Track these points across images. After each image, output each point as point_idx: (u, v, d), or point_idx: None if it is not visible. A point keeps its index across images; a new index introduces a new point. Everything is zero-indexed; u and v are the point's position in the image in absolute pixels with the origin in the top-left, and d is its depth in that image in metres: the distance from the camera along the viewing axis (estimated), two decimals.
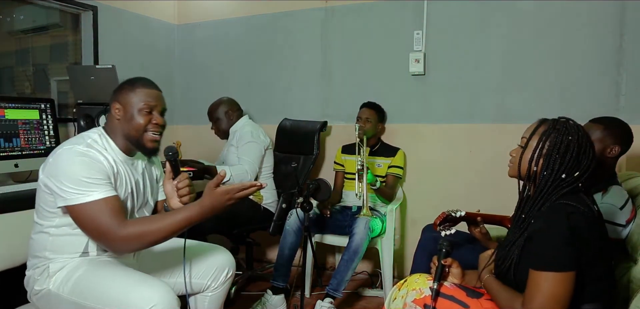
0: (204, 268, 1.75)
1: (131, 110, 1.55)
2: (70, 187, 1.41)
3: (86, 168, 1.44)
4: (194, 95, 3.79)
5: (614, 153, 1.83)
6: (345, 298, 2.74)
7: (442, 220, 1.79)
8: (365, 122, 2.88)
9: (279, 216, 2.52)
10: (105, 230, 1.41)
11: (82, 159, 1.45)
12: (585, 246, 1.25)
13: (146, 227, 1.43)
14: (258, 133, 2.87)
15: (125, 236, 1.40)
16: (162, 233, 1.43)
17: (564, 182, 1.31)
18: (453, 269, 1.52)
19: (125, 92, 1.57)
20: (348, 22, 3.23)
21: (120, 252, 1.50)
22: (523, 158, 1.39)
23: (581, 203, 1.29)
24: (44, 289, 1.51)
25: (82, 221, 1.43)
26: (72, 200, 1.41)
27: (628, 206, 1.76)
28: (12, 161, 2.23)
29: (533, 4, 2.73)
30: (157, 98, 1.59)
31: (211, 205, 1.46)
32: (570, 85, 2.69)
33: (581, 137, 1.33)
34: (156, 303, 1.37)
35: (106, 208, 1.42)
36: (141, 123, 1.55)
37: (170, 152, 1.59)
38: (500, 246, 1.49)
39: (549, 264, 1.24)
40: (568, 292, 1.23)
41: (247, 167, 2.72)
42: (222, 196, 1.46)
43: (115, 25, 3.31)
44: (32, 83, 3.19)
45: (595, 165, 1.34)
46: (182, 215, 1.45)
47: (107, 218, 1.40)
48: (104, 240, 1.45)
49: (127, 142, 1.58)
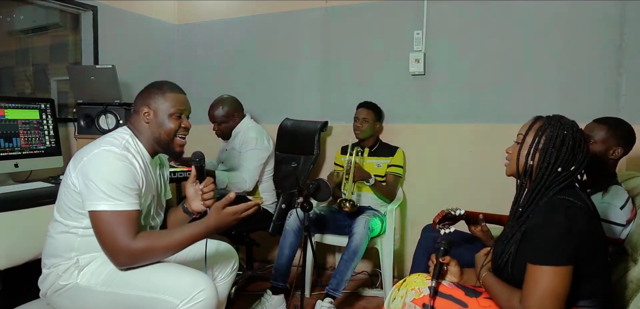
0: (211, 260, 1.77)
1: (162, 115, 1.59)
2: (102, 191, 1.41)
3: (123, 175, 1.45)
4: (194, 95, 3.74)
5: (617, 154, 1.83)
6: (345, 298, 2.74)
7: (441, 219, 1.79)
8: (362, 122, 2.88)
9: (279, 216, 2.52)
10: (119, 242, 1.41)
11: (122, 164, 1.46)
12: (582, 241, 1.26)
13: (155, 242, 1.46)
14: (262, 138, 2.81)
15: (135, 250, 1.42)
16: (169, 249, 1.48)
17: (560, 176, 1.33)
18: (451, 268, 1.52)
19: (156, 97, 1.60)
20: (348, 22, 3.23)
21: (124, 265, 1.47)
22: (520, 154, 1.41)
23: (578, 198, 1.30)
24: (70, 284, 1.51)
25: (100, 227, 1.43)
26: (100, 205, 1.41)
27: (628, 206, 1.75)
28: (12, 161, 2.23)
29: (533, 4, 2.73)
30: (185, 103, 1.65)
31: (216, 225, 1.53)
32: (570, 85, 2.68)
33: (576, 132, 1.36)
34: (204, 288, 1.43)
35: (128, 220, 1.43)
36: (172, 127, 1.60)
37: (197, 158, 1.67)
38: (497, 241, 1.50)
39: (547, 259, 1.24)
40: (566, 286, 1.24)
41: (246, 177, 2.70)
42: (228, 217, 1.53)
43: (115, 25, 3.31)
44: (32, 83, 3.19)
45: (590, 159, 1.36)
46: (188, 232, 1.50)
47: (124, 229, 1.42)
48: (112, 250, 1.44)
49: (156, 145, 1.62)
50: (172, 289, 1.43)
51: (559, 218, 1.25)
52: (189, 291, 1.41)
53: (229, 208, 1.53)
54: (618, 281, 1.58)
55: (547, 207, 1.30)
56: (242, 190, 2.71)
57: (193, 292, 1.41)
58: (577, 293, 1.29)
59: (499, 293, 1.37)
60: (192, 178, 1.70)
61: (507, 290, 1.35)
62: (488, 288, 1.41)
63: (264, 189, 2.88)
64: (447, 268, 1.51)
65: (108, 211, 1.41)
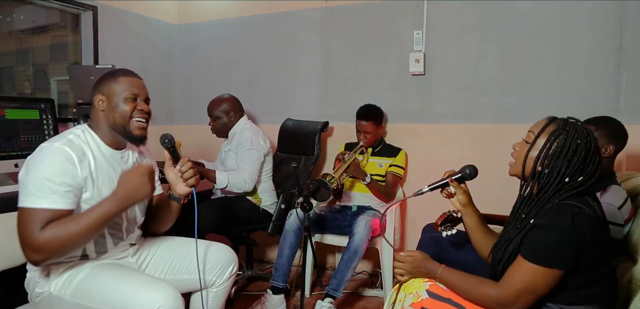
0: (209, 265, 1.74)
1: (115, 99, 1.53)
2: (28, 186, 1.37)
3: (55, 169, 1.38)
4: (194, 95, 3.79)
5: (609, 152, 1.84)
6: (345, 298, 2.74)
7: (443, 220, 1.78)
8: (364, 135, 2.85)
9: (278, 216, 2.52)
10: (28, 237, 1.35)
11: (56, 158, 1.40)
12: (585, 248, 1.24)
13: (62, 229, 1.36)
14: (258, 138, 2.81)
15: (40, 242, 1.34)
16: (79, 234, 1.37)
17: (566, 186, 1.29)
18: (458, 195, 1.57)
19: (108, 83, 1.55)
20: (348, 22, 3.23)
21: (36, 260, 1.38)
22: (529, 156, 1.36)
23: (587, 205, 1.27)
24: (45, 292, 1.50)
25: (18, 224, 1.37)
26: (22, 202, 1.37)
27: (627, 205, 1.76)
28: (12, 161, 2.22)
29: (533, 4, 2.73)
30: (140, 87, 1.59)
31: (127, 192, 1.43)
32: (570, 85, 2.68)
33: (590, 142, 1.29)
34: (161, 305, 1.37)
35: (41, 219, 1.35)
36: (127, 109, 1.53)
37: (167, 139, 1.59)
38: (496, 246, 1.46)
39: (541, 260, 1.24)
40: (546, 289, 1.25)
41: (246, 176, 2.70)
42: (135, 178, 1.44)
43: (115, 25, 3.31)
44: (32, 83, 3.19)
45: (599, 173, 1.31)
46: (98, 211, 1.40)
47: (37, 225, 1.34)
48: (23, 246, 1.37)
49: (114, 132, 1.55)
50: (129, 306, 1.38)
51: (565, 223, 1.23)
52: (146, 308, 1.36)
53: (130, 169, 1.47)
54: (618, 281, 1.58)
55: (555, 211, 1.27)
56: (242, 190, 2.72)
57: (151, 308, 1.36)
58: (572, 298, 1.29)
59: (464, 281, 1.36)
60: (168, 162, 1.62)
61: (474, 278, 1.35)
62: (448, 279, 1.40)
63: (262, 189, 2.88)
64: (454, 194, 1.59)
65: (28, 208, 1.35)
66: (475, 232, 1.61)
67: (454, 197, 1.63)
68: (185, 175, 1.60)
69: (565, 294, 1.29)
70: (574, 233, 1.22)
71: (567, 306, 1.29)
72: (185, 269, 1.71)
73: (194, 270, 1.66)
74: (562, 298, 1.29)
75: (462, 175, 1.60)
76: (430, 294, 1.38)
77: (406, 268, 1.47)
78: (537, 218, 1.30)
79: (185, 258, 1.72)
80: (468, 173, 1.59)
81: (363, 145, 2.86)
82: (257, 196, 2.86)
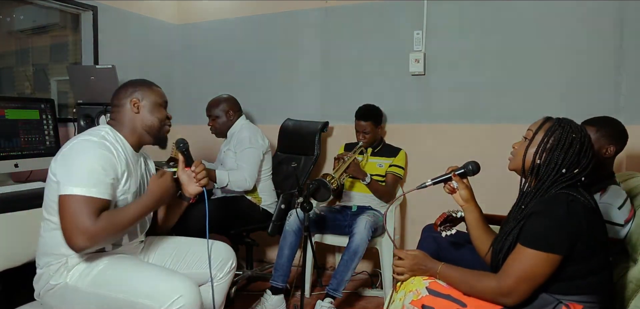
0: None
1: (152, 105, 1.68)
2: (76, 176, 1.43)
3: (101, 161, 1.48)
4: (194, 95, 3.79)
5: (610, 153, 1.84)
6: (345, 298, 2.74)
7: (443, 221, 1.78)
8: (363, 135, 2.86)
9: (278, 216, 2.52)
10: (81, 224, 1.40)
11: (100, 151, 1.49)
12: (581, 235, 1.28)
13: (114, 219, 1.47)
14: (256, 137, 2.81)
15: (95, 230, 1.41)
16: (125, 226, 1.51)
17: (563, 177, 1.35)
18: (460, 190, 1.61)
19: (143, 89, 1.68)
20: (348, 22, 3.23)
21: (82, 246, 1.44)
22: (527, 151, 1.43)
23: (581, 195, 1.33)
24: (60, 284, 1.52)
25: (66, 209, 1.42)
26: (72, 189, 1.41)
27: (626, 205, 1.75)
28: (12, 161, 2.23)
29: (533, 4, 2.73)
30: (166, 97, 1.77)
31: (160, 194, 1.61)
32: (570, 85, 2.69)
33: (583, 137, 1.38)
34: (182, 294, 1.44)
35: (95, 207, 1.43)
36: (163, 116, 1.71)
37: (182, 144, 1.76)
38: (496, 240, 1.50)
39: (538, 243, 1.28)
40: (546, 274, 1.29)
41: (246, 175, 2.70)
42: (167, 181, 1.64)
43: (115, 25, 3.31)
44: (32, 83, 3.19)
45: (593, 166, 1.38)
46: (139, 206, 1.56)
47: (88, 213, 1.41)
48: (72, 231, 1.41)
49: (145, 134, 1.67)
50: (151, 294, 1.45)
51: (560, 209, 1.29)
52: (168, 296, 1.43)
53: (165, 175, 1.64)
54: (618, 281, 1.58)
55: (551, 198, 1.33)
56: (242, 188, 2.72)
57: (172, 297, 1.43)
58: (575, 288, 1.31)
59: (465, 276, 1.40)
60: (181, 164, 1.77)
61: (474, 272, 1.39)
62: (448, 275, 1.43)
63: (262, 189, 2.88)
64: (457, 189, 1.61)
65: (78, 196, 1.41)
66: (475, 229, 1.63)
67: (456, 193, 1.65)
68: (198, 175, 1.75)
69: (561, 284, 1.32)
70: (569, 218, 1.28)
71: (563, 296, 1.32)
72: (188, 263, 1.78)
73: (196, 265, 1.77)
74: (558, 288, 1.32)
75: (464, 171, 1.63)
76: (430, 292, 1.40)
77: (406, 266, 1.50)
78: (534, 206, 1.35)
79: (188, 253, 1.80)
80: (471, 168, 1.62)
81: (363, 145, 2.87)
82: (257, 195, 2.86)
